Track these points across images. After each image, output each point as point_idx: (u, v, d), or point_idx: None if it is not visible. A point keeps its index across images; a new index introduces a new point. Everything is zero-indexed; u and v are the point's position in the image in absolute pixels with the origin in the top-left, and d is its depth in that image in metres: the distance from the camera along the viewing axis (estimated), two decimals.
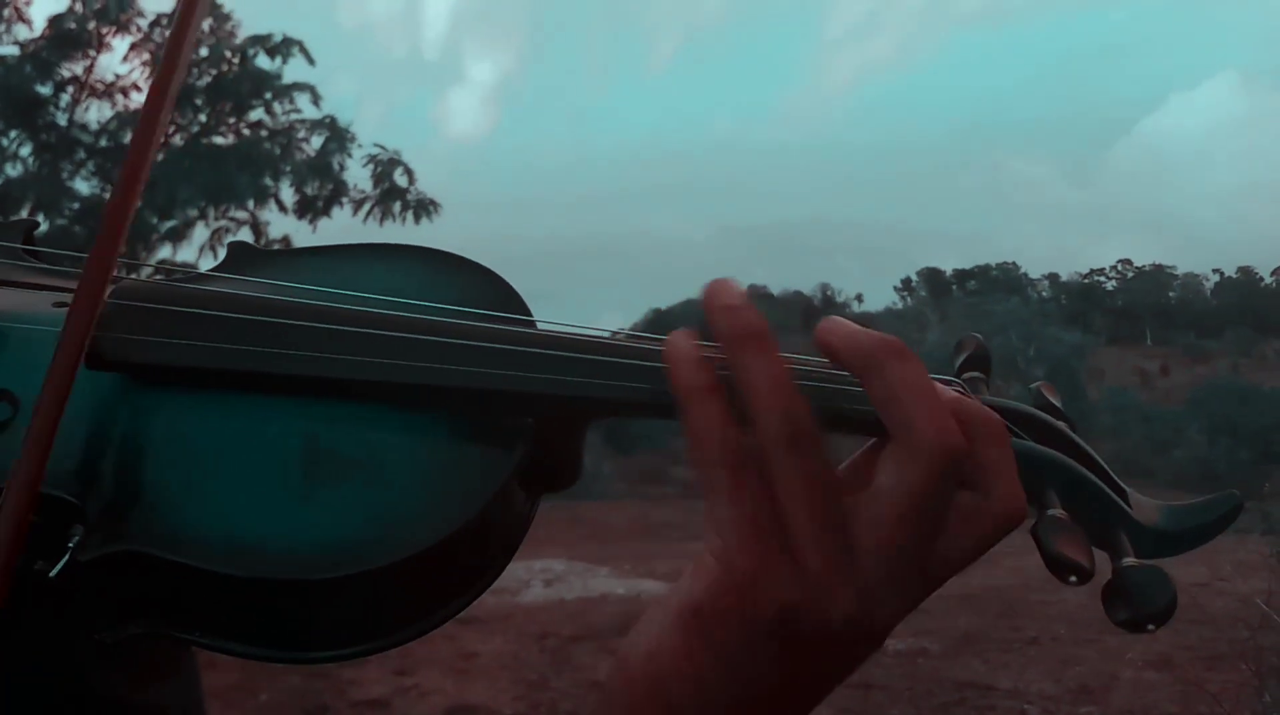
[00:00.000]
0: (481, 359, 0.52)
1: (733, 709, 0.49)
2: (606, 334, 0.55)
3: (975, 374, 0.62)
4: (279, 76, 14.42)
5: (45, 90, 14.30)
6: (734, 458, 0.47)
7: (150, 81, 0.54)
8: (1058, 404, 0.61)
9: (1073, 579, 0.51)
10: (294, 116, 14.60)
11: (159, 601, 0.50)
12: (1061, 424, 0.59)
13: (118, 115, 14.52)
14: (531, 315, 0.58)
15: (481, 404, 0.53)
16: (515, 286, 0.59)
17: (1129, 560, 0.54)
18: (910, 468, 0.46)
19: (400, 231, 13.86)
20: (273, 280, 0.58)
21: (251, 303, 0.54)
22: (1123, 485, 0.58)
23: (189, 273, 0.62)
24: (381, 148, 14.51)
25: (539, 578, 9.88)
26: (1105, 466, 0.58)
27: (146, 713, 0.67)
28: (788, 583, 0.47)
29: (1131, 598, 0.52)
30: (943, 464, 0.46)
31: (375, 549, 0.48)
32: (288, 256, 0.65)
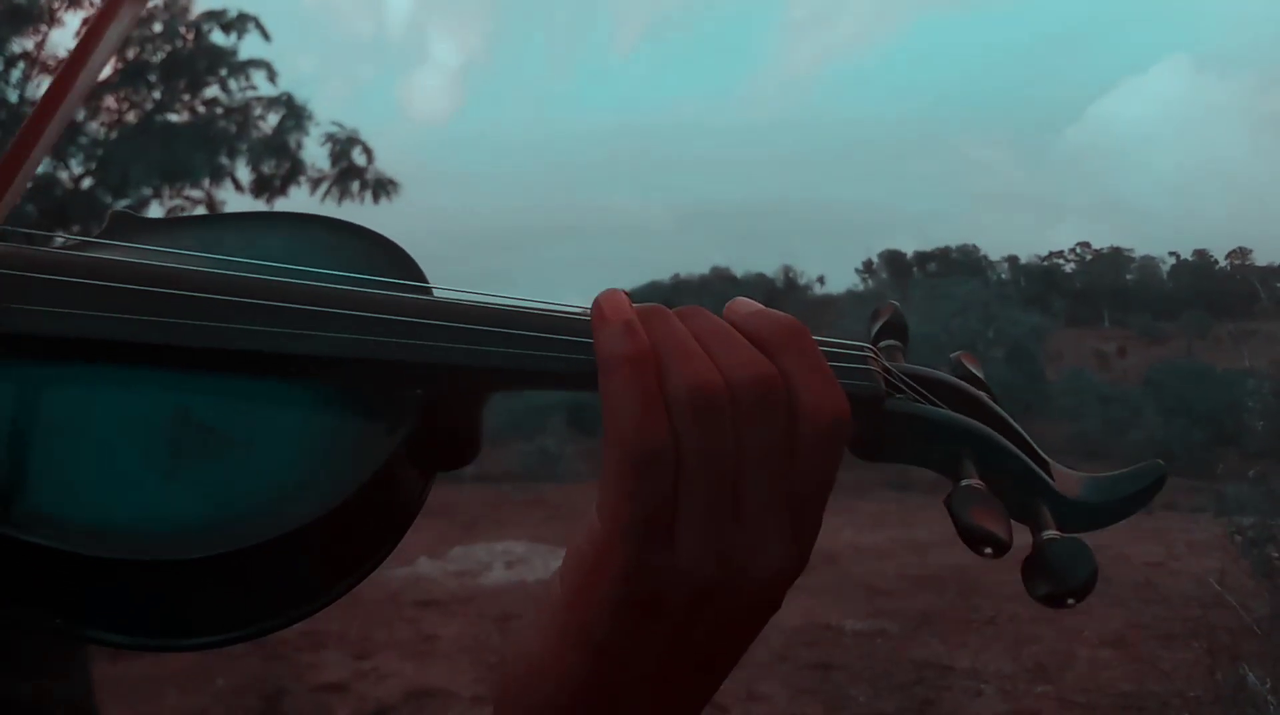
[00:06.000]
0: (365, 327, 0.50)
1: (616, 700, 0.44)
2: (514, 303, 0.52)
3: (892, 342, 0.60)
4: (234, 53, 14.21)
5: None
6: (649, 444, 0.41)
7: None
8: (979, 374, 0.59)
9: (988, 550, 0.49)
10: (250, 94, 14.40)
11: (15, 586, 0.47)
12: (981, 392, 0.58)
13: None
14: (428, 282, 0.56)
15: (365, 375, 0.50)
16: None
17: (1049, 533, 0.52)
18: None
19: (359, 211, 13.74)
20: (153, 247, 0.55)
21: (121, 268, 0.51)
22: (1045, 456, 0.57)
23: (56, 238, 0.58)
24: (339, 126, 14.36)
25: (500, 560, 9.84)
26: (1027, 437, 0.57)
27: (29, 708, 0.63)
28: (665, 568, 0.42)
29: (1051, 571, 0.50)
30: (752, 394, 0.42)
31: (241, 529, 0.46)
32: (171, 226, 0.62)
